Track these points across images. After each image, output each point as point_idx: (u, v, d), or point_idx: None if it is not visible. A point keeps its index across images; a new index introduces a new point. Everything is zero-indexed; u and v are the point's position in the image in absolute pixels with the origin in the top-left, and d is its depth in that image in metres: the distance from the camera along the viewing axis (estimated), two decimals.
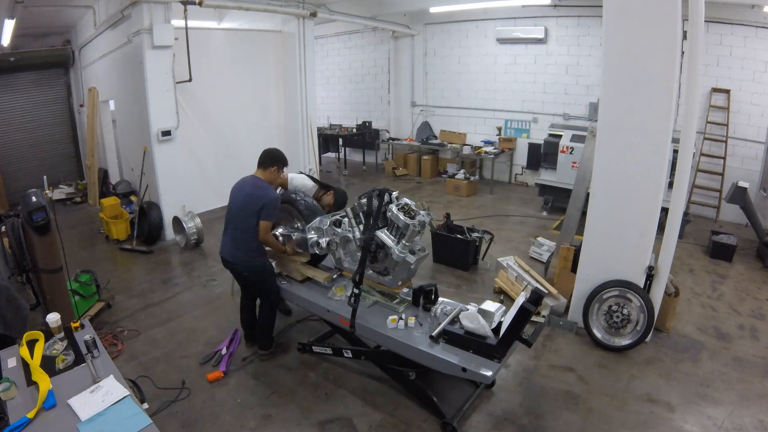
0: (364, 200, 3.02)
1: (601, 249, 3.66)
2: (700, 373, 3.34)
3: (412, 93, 9.90)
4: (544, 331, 3.85)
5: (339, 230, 3.22)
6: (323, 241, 3.27)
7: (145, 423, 1.79)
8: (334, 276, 3.52)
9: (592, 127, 4.07)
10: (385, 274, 3.07)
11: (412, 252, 2.93)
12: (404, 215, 2.83)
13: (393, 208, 2.88)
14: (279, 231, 3.61)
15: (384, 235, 2.93)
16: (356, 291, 2.93)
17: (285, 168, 3.48)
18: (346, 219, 3.18)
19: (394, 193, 3.02)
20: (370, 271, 3.10)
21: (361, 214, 3.05)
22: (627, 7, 3.23)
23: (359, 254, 3.06)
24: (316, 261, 3.67)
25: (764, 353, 3.57)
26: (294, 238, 3.49)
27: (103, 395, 1.91)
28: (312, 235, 3.35)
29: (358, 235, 3.08)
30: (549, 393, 3.16)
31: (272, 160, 3.34)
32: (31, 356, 2.13)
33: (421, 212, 2.89)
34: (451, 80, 9.30)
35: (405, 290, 3.20)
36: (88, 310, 4.05)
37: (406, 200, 2.96)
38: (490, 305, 2.82)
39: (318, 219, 3.39)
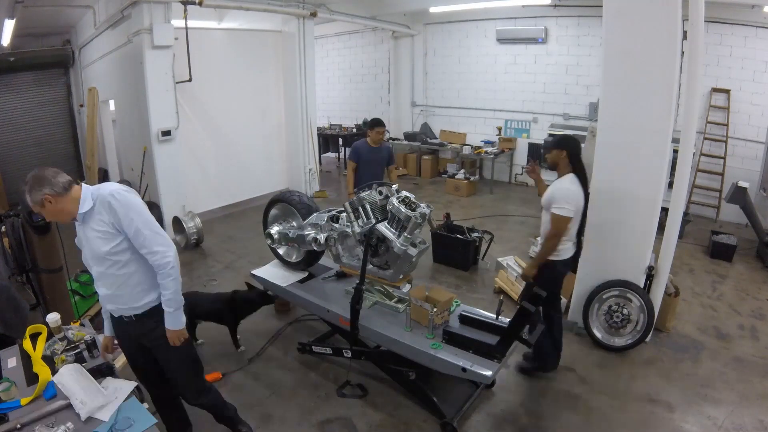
0: (363, 193, 3.01)
1: (601, 249, 3.65)
2: (700, 373, 3.34)
3: (412, 93, 9.89)
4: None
5: (337, 225, 3.20)
6: (321, 237, 3.23)
7: (150, 422, 1.81)
8: None
9: (592, 127, 4.08)
10: (385, 268, 3.06)
11: (414, 245, 2.92)
12: (405, 207, 2.83)
13: (393, 200, 2.87)
14: (275, 229, 3.57)
15: (385, 228, 2.92)
16: (360, 288, 2.89)
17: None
18: (344, 214, 3.16)
19: (393, 186, 3.02)
20: (370, 266, 3.08)
21: (360, 208, 3.02)
22: (627, 7, 3.23)
23: (358, 249, 3.05)
24: (313, 258, 3.65)
25: (764, 353, 3.57)
26: (290, 235, 3.46)
27: (113, 391, 1.93)
28: (309, 232, 3.31)
29: (357, 229, 3.05)
30: (549, 393, 3.16)
31: None
32: (34, 349, 2.13)
33: (422, 204, 2.88)
34: (451, 80, 9.29)
35: (405, 289, 3.20)
36: (88, 310, 4.05)
37: (405, 193, 2.96)
38: None
39: (315, 215, 3.37)
